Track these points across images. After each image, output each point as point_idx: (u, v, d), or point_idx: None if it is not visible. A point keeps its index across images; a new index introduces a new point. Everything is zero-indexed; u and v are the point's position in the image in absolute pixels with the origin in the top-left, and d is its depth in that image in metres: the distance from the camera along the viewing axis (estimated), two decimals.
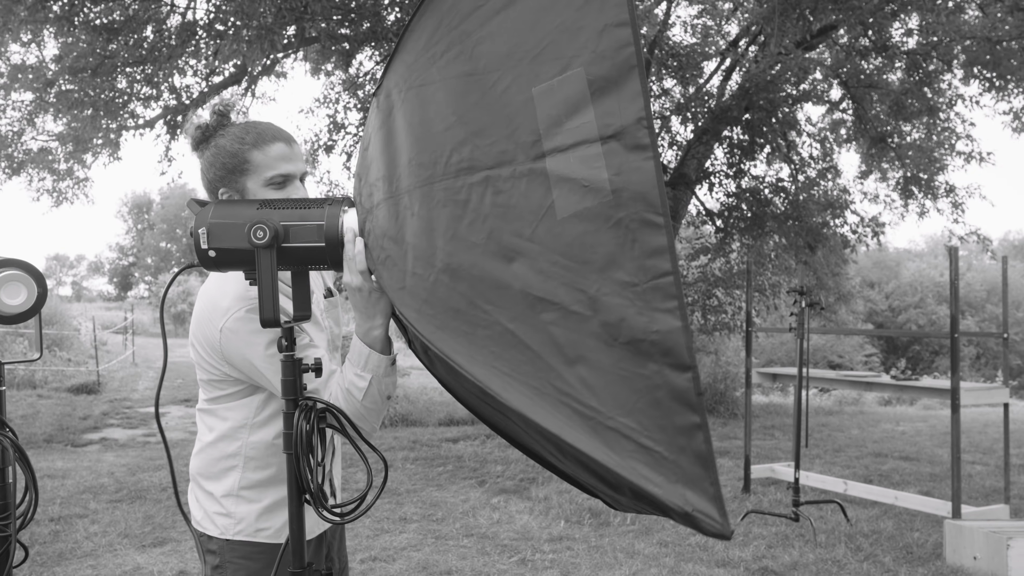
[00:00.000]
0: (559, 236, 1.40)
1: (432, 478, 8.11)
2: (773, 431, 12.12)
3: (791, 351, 25.15)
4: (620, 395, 1.36)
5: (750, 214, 12.68)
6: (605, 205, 1.35)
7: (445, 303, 1.54)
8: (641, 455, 1.35)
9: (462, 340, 1.53)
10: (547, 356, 1.43)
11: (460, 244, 1.51)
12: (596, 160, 1.36)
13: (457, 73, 1.56)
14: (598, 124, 1.37)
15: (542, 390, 1.44)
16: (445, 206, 1.53)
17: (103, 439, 10.70)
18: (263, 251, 1.66)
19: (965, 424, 13.05)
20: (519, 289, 1.45)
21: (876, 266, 43.64)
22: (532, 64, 1.46)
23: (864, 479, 8.24)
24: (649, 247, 1.32)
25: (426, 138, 1.58)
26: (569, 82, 1.40)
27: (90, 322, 20.59)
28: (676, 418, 1.31)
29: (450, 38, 1.58)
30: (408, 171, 1.61)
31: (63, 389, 14.87)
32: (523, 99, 1.46)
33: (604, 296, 1.36)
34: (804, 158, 13.89)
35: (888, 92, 12.64)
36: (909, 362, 36.29)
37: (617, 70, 1.36)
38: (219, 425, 2.11)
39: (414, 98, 1.62)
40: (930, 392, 7.04)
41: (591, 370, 1.39)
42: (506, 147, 1.47)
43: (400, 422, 11.79)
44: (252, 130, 2.02)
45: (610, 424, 1.37)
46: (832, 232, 13.26)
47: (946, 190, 13.53)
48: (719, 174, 13.01)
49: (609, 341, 1.37)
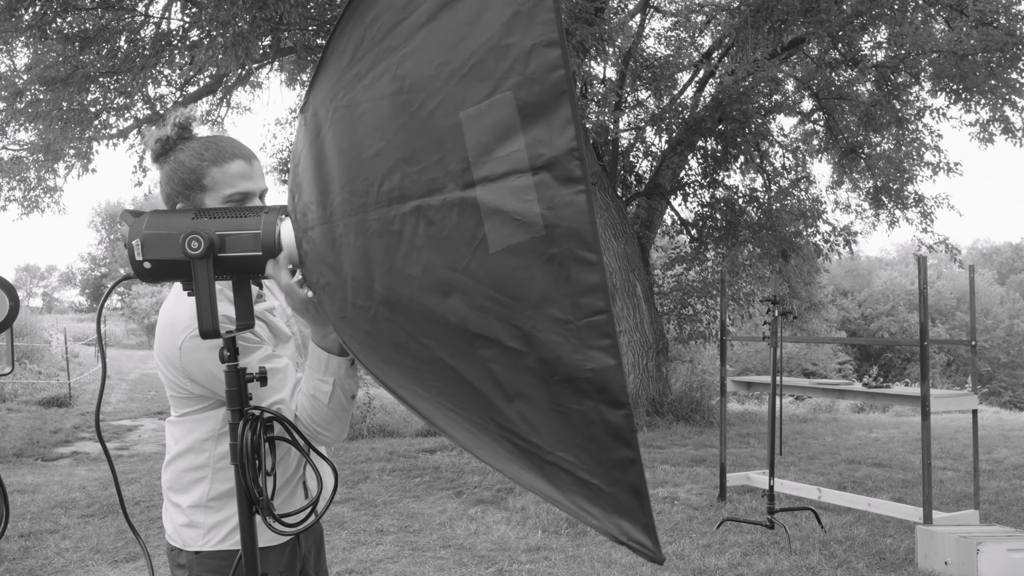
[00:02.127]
0: (493, 271, 1.36)
1: (409, 489, 8.08)
2: (748, 439, 12.18)
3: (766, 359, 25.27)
4: (558, 430, 1.36)
5: (724, 223, 12.79)
6: (538, 240, 1.31)
7: (387, 336, 1.53)
8: (580, 488, 1.37)
9: (406, 375, 1.53)
10: (487, 392, 1.42)
11: (397, 277, 1.48)
12: (527, 192, 1.31)
13: (383, 93, 1.50)
14: (528, 153, 1.31)
15: (484, 426, 1.44)
16: (380, 236, 1.49)
17: (74, 453, 10.59)
18: (199, 261, 1.64)
19: (936, 430, 13.19)
20: (456, 324, 1.42)
21: (849, 274, 44.06)
22: (459, 85, 1.39)
23: (838, 486, 8.30)
24: (583, 284, 1.28)
25: (356, 163, 1.53)
26: (498, 106, 1.34)
27: (61, 334, 20.37)
28: (612, 453, 1.33)
29: (374, 54, 1.51)
30: (341, 197, 1.56)
31: (33, 402, 14.72)
32: (451, 123, 1.39)
33: (539, 333, 1.34)
34: (777, 168, 14.05)
35: (858, 104, 12.81)
36: (881, 369, 36.62)
37: (547, 95, 1.29)
38: (186, 437, 2.10)
39: (342, 119, 1.58)
40: (901, 399, 7.12)
41: (530, 406, 1.38)
42: (435, 175, 1.41)
43: (377, 433, 11.74)
44: (212, 146, 2.00)
45: (550, 459, 1.38)
46: (805, 241, 13.39)
47: (915, 200, 13.70)
48: (693, 184, 13.13)
49: (546, 378, 1.35)
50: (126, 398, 16.78)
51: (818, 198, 14.29)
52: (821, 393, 7.91)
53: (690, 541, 6.24)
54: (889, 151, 13.66)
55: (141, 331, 40.64)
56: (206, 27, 9.25)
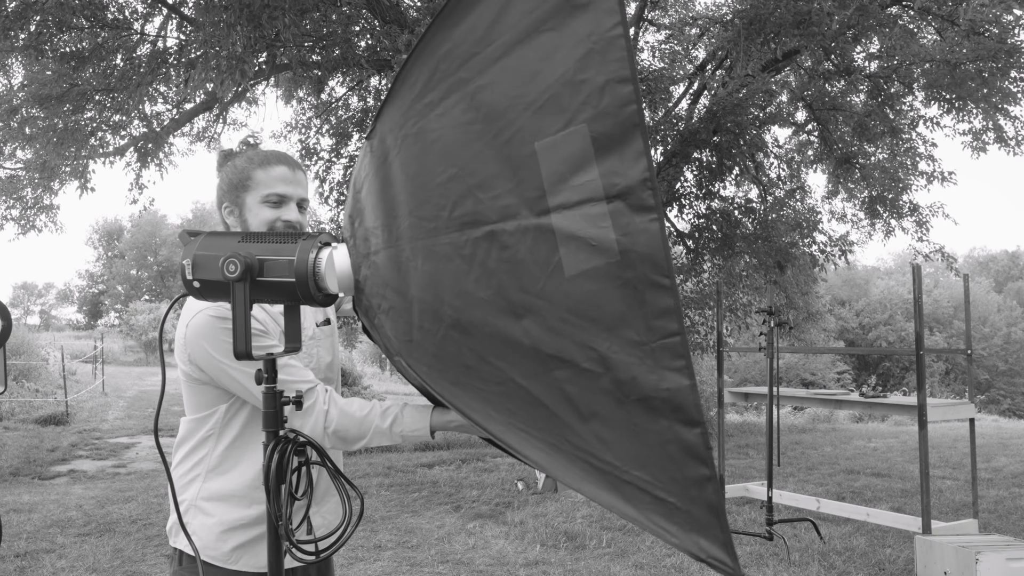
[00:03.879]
0: (568, 294, 1.42)
1: (407, 504, 8.07)
2: (747, 450, 12.18)
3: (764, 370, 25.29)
4: (634, 450, 1.41)
5: (720, 235, 12.80)
6: (613, 265, 1.37)
7: (456, 359, 1.56)
8: (657, 507, 1.40)
9: (476, 396, 1.56)
10: (561, 413, 1.46)
11: (467, 299, 1.52)
12: (602, 219, 1.37)
13: (457, 122, 1.55)
14: (603, 183, 1.37)
15: (559, 446, 1.47)
16: (451, 260, 1.53)
17: (71, 471, 10.56)
18: (236, 284, 1.67)
19: (934, 439, 13.19)
20: (530, 346, 1.46)
21: (846, 284, 44.11)
22: (535, 116, 1.45)
23: (837, 496, 8.29)
24: (657, 308, 1.35)
25: (426, 188, 1.58)
26: (573, 138, 1.41)
27: (58, 351, 20.34)
28: (687, 471, 1.37)
29: (447, 84, 1.57)
30: (409, 222, 1.60)
31: (30, 420, 14.68)
32: (527, 152, 1.45)
33: (614, 354, 1.39)
34: (772, 179, 14.08)
35: (852, 114, 12.84)
36: (880, 378, 36.63)
37: (620, 128, 1.37)
38: (192, 436, 2.16)
39: (412, 145, 1.62)
40: (898, 409, 7.11)
41: (605, 426, 1.42)
42: (510, 201, 1.47)
43: (375, 448, 11.71)
44: (262, 153, 2.15)
45: (626, 478, 1.42)
46: (801, 252, 13.41)
47: (910, 209, 13.72)
48: (689, 196, 13.14)
49: (621, 398, 1.40)
50: (124, 415, 16.74)
51: (813, 208, 14.32)
52: (819, 403, 7.92)
53: None
54: (883, 161, 13.68)
55: (139, 348, 40.53)
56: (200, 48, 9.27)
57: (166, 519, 7.24)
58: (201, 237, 1.78)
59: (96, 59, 10.35)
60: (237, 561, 2.11)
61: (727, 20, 11.62)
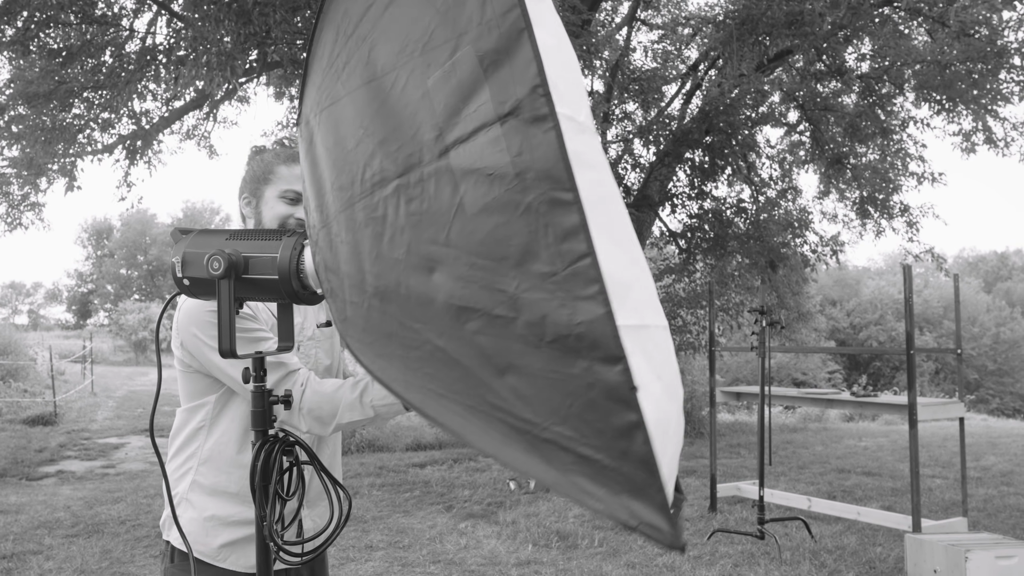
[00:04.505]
0: (472, 234, 1.27)
1: (399, 504, 8.06)
2: (739, 449, 12.21)
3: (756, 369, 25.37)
4: (553, 401, 1.22)
5: (712, 235, 12.83)
6: (511, 191, 1.21)
7: (379, 329, 1.47)
8: (581, 467, 1.21)
9: (399, 365, 1.46)
10: (477, 370, 1.31)
11: (384, 264, 1.42)
12: (497, 143, 1.22)
13: (358, 83, 1.46)
14: (494, 103, 1.23)
15: (476, 407, 1.33)
16: (367, 226, 1.44)
17: (60, 472, 10.51)
18: (220, 281, 1.67)
19: (924, 438, 13.24)
20: (443, 301, 1.33)
21: (837, 284, 44.23)
22: (423, 55, 1.33)
23: (828, 495, 8.32)
24: (562, 229, 1.17)
25: (341, 159, 1.50)
26: (460, 64, 1.27)
27: (47, 351, 20.23)
28: (612, 418, 1.16)
29: (348, 48, 1.48)
30: (332, 196, 1.53)
31: (18, 421, 14.59)
32: (420, 94, 1.34)
33: (524, 293, 1.21)
34: (764, 179, 14.11)
35: (843, 114, 12.88)
36: (870, 378, 36.76)
37: (506, 39, 1.22)
38: (184, 428, 2.15)
39: (327, 119, 1.55)
40: (889, 408, 7.15)
41: (521, 378, 1.26)
42: (412, 150, 1.35)
43: (366, 448, 11.71)
44: (289, 150, 2.16)
45: (545, 436, 1.24)
46: (793, 251, 13.44)
47: (901, 210, 13.77)
48: (681, 195, 13.16)
49: (535, 343, 1.22)
50: (113, 415, 16.67)
51: (805, 208, 14.36)
52: (810, 403, 7.95)
53: (681, 552, 6.23)
54: (874, 161, 13.73)
55: (128, 348, 40.39)
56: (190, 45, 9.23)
57: (156, 520, 7.23)
58: (192, 235, 1.78)
59: (84, 56, 10.29)
60: (226, 559, 2.09)
61: (719, 20, 11.65)
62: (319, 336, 2.26)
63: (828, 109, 12.99)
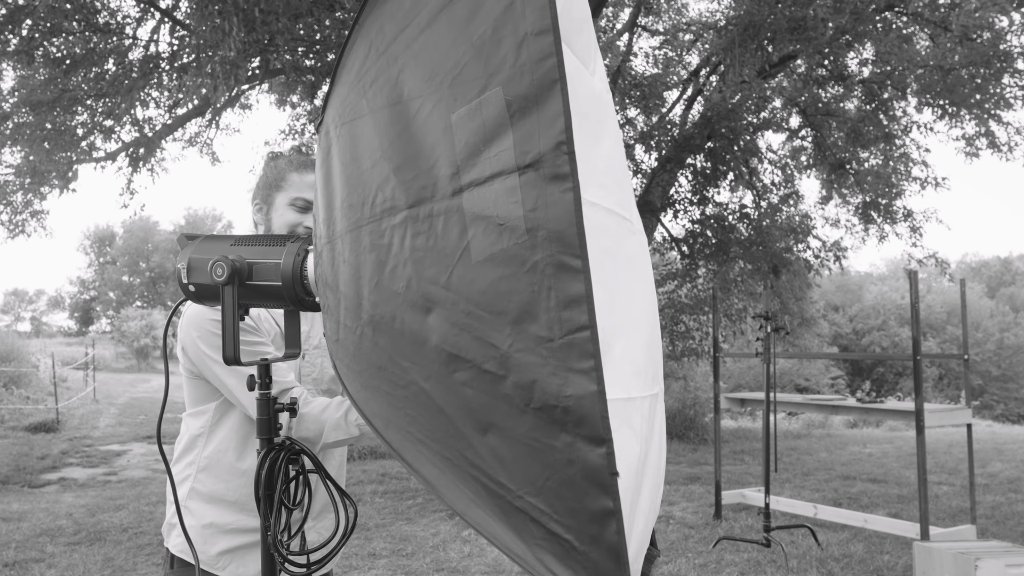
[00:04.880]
0: (473, 283, 1.23)
1: (401, 512, 8.02)
2: (743, 456, 12.17)
3: (759, 375, 25.34)
4: (531, 470, 1.19)
5: (715, 240, 12.83)
6: (520, 246, 1.17)
7: (369, 359, 1.43)
8: (549, 544, 1.18)
9: (382, 400, 1.42)
10: (459, 422, 1.27)
11: (382, 294, 1.38)
12: (513, 194, 1.18)
13: (383, 103, 1.42)
14: (516, 152, 1.19)
15: (453, 461, 1.29)
16: (371, 251, 1.41)
17: (62, 479, 10.49)
18: (224, 288, 1.66)
19: (930, 445, 13.18)
20: (435, 344, 1.29)
21: (839, 290, 44.21)
22: (452, 86, 1.29)
23: (833, 502, 8.27)
24: (565, 296, 1.13)
25: (356, 177, 1.47)
26: (487, 104, 1.24)
27: (49, 358, 20.23)
28: (588, 501, 1.13)
29: (379, 65, 1.44)
30: (341, 213, 1.50)
31: (20, 428, 14.57)
32: (443, 127, 1.30)
33: (517, 353, 1.18)
34: (766, 185, 14.11)
35: (845, 120, 12.88)
36: (874, 384, 36.69)
37: (537, 87, 1.18)
38: (185, 434, 2.14)
39: (347, 134, 1.52)
40: (895, 414, 7.12)
41: (502, 439, 1.21)
42: (425, 183, 1.31)
43: (368, 455, 11.67)
44: (302, 157, 2.15)
45: (518, 504, 1.20)
46: (795, 257, 13.43)
47: (904, 215, 13.77)
48: (684, 201, 13.17)
49: (521, 406, 1.18)
50: (115, 422, 16.65)
51: (807, 214, 14.36)
52: (815, 409, 7.91)
53: (686, 561, 6.20)
54: (877, 166, 13.73)
55: (131, 355, 40.38)
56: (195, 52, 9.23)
57: (158, 527, 7.20)
58: (197, 240, 1.77)
59: (88, 64, 10.31)
60: (225, 567, 2.08)
61: (721, 26, 11.65)
62: (326, 345, 2.23)
63: (830, 114, 12.99)
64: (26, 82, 10.42)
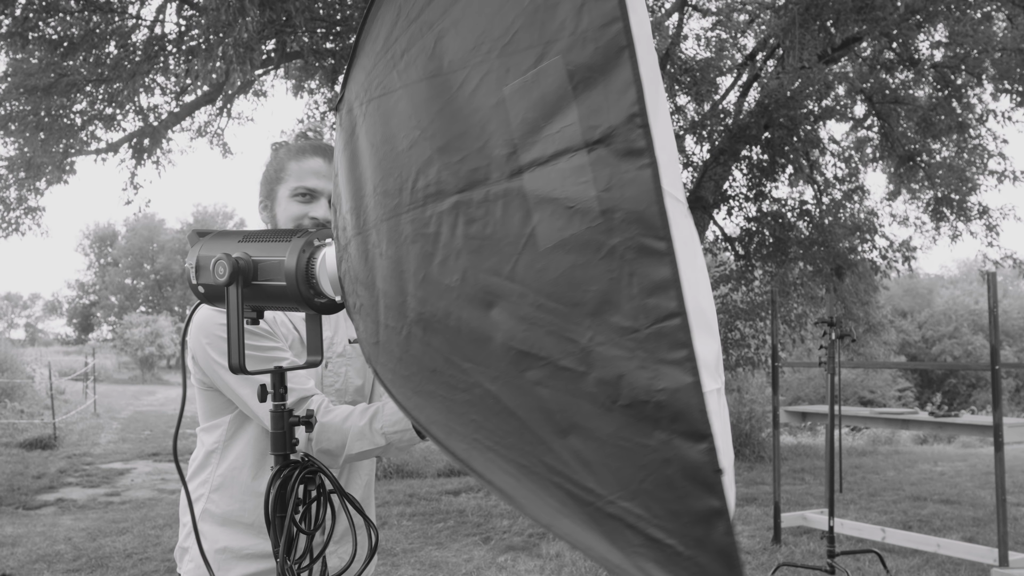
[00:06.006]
0: (543, 272, 1.20)
1: (431, 535, 8.06)
2: (803, 475, 12.14)
3: (819, 387, 25.18)
4: (622, 473, 1.16)
5: (772, 239, 12.80)
6: (594, 230, 1.14)
7: (420, 361, 1.40)
8: (650, 551, 1.15)
9: (439, 406, 1.39)
10: (535, 425, 1.24)
11: (432, 289, 1.34)
12: (582, 173, 1.15)
13: (419, 76, 1.37)
14: (582, 127, 1.15)
15: (531, 468, 1.27)
16: (414, 242, 1.37)
17: (60, 500, 10.51)
18: (228, 288, 1.64)
19: (1009, 463, 13.07)
20: (501, 341, 1.26)
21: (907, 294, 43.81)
22: (502, 56, 1.25)
23: (903, 525, 8.26)
24: (650, 281, 1.10)
25: (390, 159, 1.43)
26: (545, 75, 1.20)
27: (45, 368, 20.28)
28: (691, 502, 1.10)
29: (410, 32, 1.40)
30: (374, 201, 1.46)
31: (14, 444, 14.62)
32: (494, 101, 1.26)
33: (599, 347, 1.15)
34: (828, 179, 14.05)
35: (915, 108, 12.81)
36: (945, 396, 36.31)
37: (602, 55, 1.14)
38: (199, 451, 2.13)
39: (375, 111, 1.48)
40: (971, 429, 7.11)
41: (586, 441, 1.19)
42: (477, 164, 1.28)
43: (395, 474, 11.70)
44: (301, 142, 2.14)
45: (610, 510, 1.17)
46: (860, 258, 13.38)
47: (979, 211, 13.67)
48: (738, 197, 13.16)
49: (607, 404, 1.15)
50: (117, 438, 16.75)
51: (873, 211, 14.30)
52: (884, 423, 7.91)
53: None
54: (950, 159, 13.65)
55: (134, 364, 40.58)
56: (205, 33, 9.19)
57: (165, 553, 7.27)
58: (207, 237, 1.77)
59: (87, 46, 10.31)
60: None
61: (780, 5, 11.65)
62: (351, 353, 2.21)
63: (898, 102, 12.94)
64: (19, 66, 10.42)
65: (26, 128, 10.64)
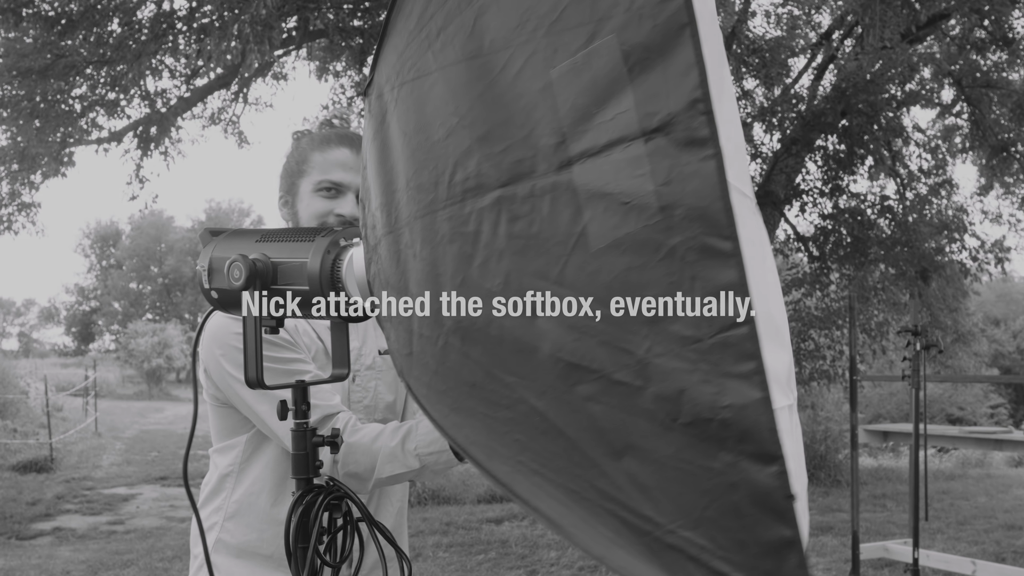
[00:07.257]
0: (595, 275, 1.18)
1: (471, 568, 8.06)
2: (884, 501, 12.09)
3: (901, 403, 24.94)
4: (683, 499, 1.15)
5: (850, 239, 12.75)
6: (652, 228, 1.13)
7: (458, 375, 1.38)
8: None
9: (479, 426, 1.38)
10: (586, 446, 1.23)
11: (472, 293, 1.33)
12: (638, 165, 1.13)
13: (457, 57, 1.35)
14: (638, 114, 1.14)
15: (581, 493, 1.25)
16: (452, 242, 1.35)
17: (56, 529, 10.57)
18: (243, 293, 1.64)
19: None
20: (548, 353, 1.24)
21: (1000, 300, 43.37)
22: (549, 35, 1.23)
23: (996, 557, 8.23)
24: (714, 286, 1.09)
25: (424, 150, 1.41)
26: (597, 56, 1.18)
27: (41, 383, 20.41)
28: (760, 531, 1.08)
29: (447, 8, 1.38)
30: (407, 196, 1.44)
31: (7, 467, 14.70)
32: (541, 85, 1.24)
33: (657, 358, 1.14)
34: (913, 171, 13.99)
35: (1009, 92, 12.72)
36: None
37: (661, 34, 1.12)
38: (212, 474, 2.13)
39: (407, 96, 1.46)
40: None
41: (643, 464, 1.17)
42: (522, 154, 1.26)
43: (430, 499, 11.69)
44: (325, 132, 2.12)
45: (670, 540, 1.16)
46: (948, 259, 13.32)
47: None
48: (812, 192, 13.13)
49: (666, 422, 1.14)
50: (121, 460, 16.84)
51: (963, 207, 14.22)
52: (974, 444, 7.92)
53: None
54: None
55: (140, 378, 40.68)
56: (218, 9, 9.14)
57: None
58: (221, 237, 1.76)
59: (87, 24, 10.28)
60: None
61: None
62: (381, 366, 2.20)
63: (991, 86, 12.86)
64: (12, 46, 10.46)
65: (20, 115, 10.65)
